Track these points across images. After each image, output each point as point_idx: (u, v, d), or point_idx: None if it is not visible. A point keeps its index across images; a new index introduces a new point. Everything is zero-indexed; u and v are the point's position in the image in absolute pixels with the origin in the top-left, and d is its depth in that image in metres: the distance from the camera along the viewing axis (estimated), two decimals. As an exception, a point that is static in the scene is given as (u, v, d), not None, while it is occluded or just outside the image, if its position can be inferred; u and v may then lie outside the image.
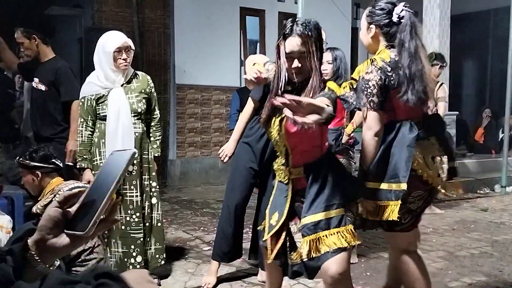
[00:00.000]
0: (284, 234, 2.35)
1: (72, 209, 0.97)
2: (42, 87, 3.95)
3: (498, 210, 6.03)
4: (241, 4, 8.23)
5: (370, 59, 2.42)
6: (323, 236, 2.19)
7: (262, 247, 2.56)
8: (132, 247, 3.24)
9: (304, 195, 2.29)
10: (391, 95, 2.39)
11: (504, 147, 7.34)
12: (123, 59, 3.20)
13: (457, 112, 8.21)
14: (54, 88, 3.93)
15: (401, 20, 2.40)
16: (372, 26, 2.47)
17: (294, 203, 2.34)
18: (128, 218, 3.23)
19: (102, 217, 0.94)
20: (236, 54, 8.17)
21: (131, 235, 3.24)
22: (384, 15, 2.44)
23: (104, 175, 0.97)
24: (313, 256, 2.20)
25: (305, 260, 2.24)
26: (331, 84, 2.30)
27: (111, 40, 3.21)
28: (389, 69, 2.37)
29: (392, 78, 2.36)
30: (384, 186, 2.39)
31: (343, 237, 2.18)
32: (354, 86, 3.89)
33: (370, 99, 2.36)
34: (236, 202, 3.33)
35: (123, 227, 3.23)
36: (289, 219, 2.35)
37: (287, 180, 2.35)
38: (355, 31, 9.71)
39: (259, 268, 3.47)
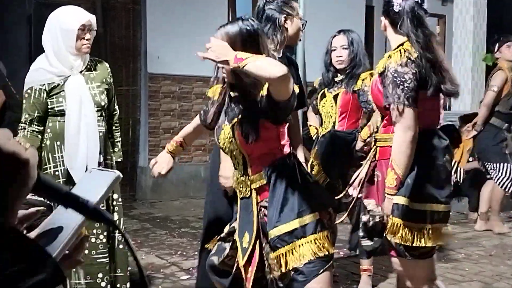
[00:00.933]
0: (256, 254, 2.46)
1: (32, 234, 0.94)
2: None
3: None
4: (229, -24, 8.25)
5: (401, 50, 2.55)
6: (299, 245, 2.33)
7: (209, 267, 2.69)
8: (100, 276, 3.21)
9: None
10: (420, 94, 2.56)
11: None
12: (86, 40, 3.18)
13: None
14: None
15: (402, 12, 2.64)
16: (383, 17, 2.69)
17: (261, 220, 2.48)
18: (93, 240, 3.20)
19: (65, 252, 0.92)
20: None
21: (98, 260, 3.21)
22: (390, 3, 2.67)
23: (61, 215, 0.94)
24: (290, 278, 2.34)
25: (280, 284, 2.40)
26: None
27: (74, 16, 3.19)
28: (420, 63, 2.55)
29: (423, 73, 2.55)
30: (427, 207, 2.55)
31: (321, 244, 2.32)
32: None
33: (408, 94, 2.49)
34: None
35: (86, 252, 3.19)
36: (259, 237, 2.47)
37: (249, 193, 2.49)
38: (370, 10, 9.76)
39: None
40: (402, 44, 2.60)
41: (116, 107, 3.52)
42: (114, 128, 3.48)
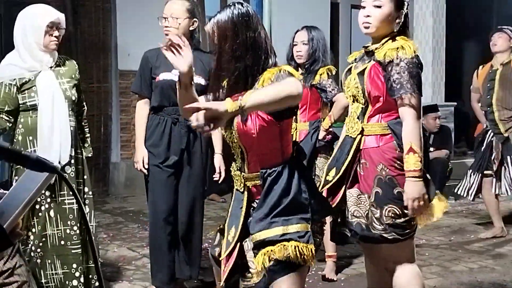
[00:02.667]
0: (236, 250, 2.38)
1: None
2: None
3: (503, 217, 6.18)
4: (198, -27, 8.23)
5: (409, 44, 2.60)
6: (278, 247, 2.22)
7: (212, 257, 2.64)
8: (74, 266, 3.22)
9: None
10: None
11: None
12: (55, 37, 3.18)
13: (455, 103, 8.38)
14: None
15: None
16: (402, 11, 2.66)
17: (249, 217, 2.38)
18: (68, 231, 3.21)
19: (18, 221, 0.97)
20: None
21: (72, 251, 3.22)
22: (407, 2, 2.70)
23: (17, 191, 0.99)
24: (264, 274, 2.26)
25: (255, 280, 2.32)
26: (285, 67, 2.38)
27: (43, 13, 3.19)
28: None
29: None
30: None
31: (300, 253, 2.20)
32: (333, 73, 3.96)
33: (419, 84, 2.59)
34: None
35: (62, 242, 3.20)
36: (243, 234, 2.38)
37: (242, 188, 2.40)
38: (335, 6, 9.81)
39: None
40: (403, 38, 2.64)
41: (84, 103, 3.52)
42: (83, 124, 3.48)
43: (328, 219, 2.93)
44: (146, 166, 3.57)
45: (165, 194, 3.53)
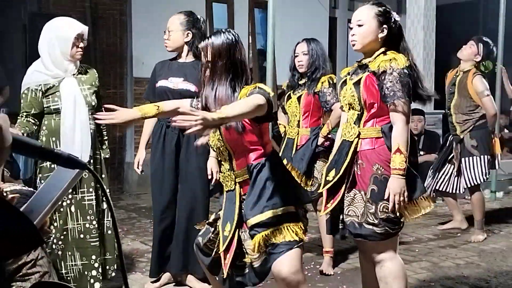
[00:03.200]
0: (234, 242, 2.53)
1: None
2: None
3: (486, 217, 6.16)
4: (207, -11, 8.24)
5: (401, 56, 2.66)
6: (272, 231, 2.40)
7: (195, 245, 2.77)
8: (93, 257, 3.24)
9: None
10: None
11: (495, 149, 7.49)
12: (80, 47, 3.21)
13: (443, 111, 8.35)
14: None
15: (397, 26, 2.76)
16: (385, 26, 2.71)
17: (241, 209, 2.55)
18: (87, 225, 3.23)
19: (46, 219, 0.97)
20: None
21: (91, 244, 3.24)
22: (394, 18, 2.76)
23: (46, 190, 0.99)
24: (264, 256, 2.41)
25: (255, 264, 2.46)
26: (259, 84, 2.58)
27: (70, 26, 3.21)
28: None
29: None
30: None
31: (293, 231, 2.40)
32: (334, 81, 3.97)
33: (410, 92, 2.65)
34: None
35: (81, 236, 3.22)
36: (239, 226, 2.54)
37: (233, 186, 2.57)
38: (333, 20, 9.82)
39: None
40: (393, 52, 2.70)
41: (103, 108, 3.52)
42: (101, 127, 3.50)
43: (324, 217, 2.99)
44: (140, 168, 3.64)
45: (162, 191, 3.58)
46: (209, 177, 3.43)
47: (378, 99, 2.68)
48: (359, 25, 2.71)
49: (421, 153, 6.88)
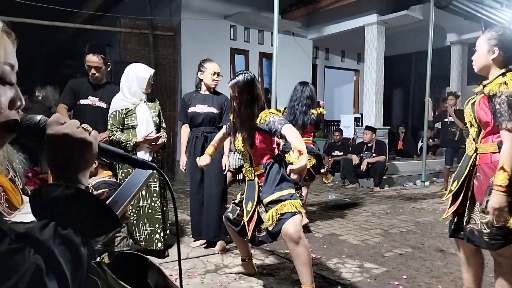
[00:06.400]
0: (255, 215, 2.50)
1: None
2: (104, 105, 3.50)
3: (419, 199, 6.07)
4: (231, 45, 8.22)
5: (508, 81, 2.02)
6: (280, 206, 2.36)
7: (226, 220, 2.71)
8: (157, 225, 3.16)
9: None
10: None
11: (423, 153, 7.43)
12: (151, 84, 3.17)
13: (389, 127, 8.28)
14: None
15: None
16: (496, 48, 2.09)
17: (259, 193, 2.50)
18: (153, 204, 3.16)
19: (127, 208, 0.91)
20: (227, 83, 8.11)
21: (156, 216, 3.17)
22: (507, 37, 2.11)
23: (127, 186, 0.92)
24: (276, 223, 2.37)
25: (270, 229, 2.40)
26: (272, 110, 2.48)
27: (147, 70, 3.17)
28: None
29: None
30: None
31: (293, 206, 2.35)
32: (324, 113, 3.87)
33: None
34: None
35: (149, 211, 3.15)
36: (258, 204, 2.51)
37: (253, 177, 2.52)
38: (314, 67, 9.76)
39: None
40: (504, 75, 2.06)
41: (163, 124, 3.46)
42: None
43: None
44: (185, 167, 3.57)
45: (195, 180, 3.52)
46: (223, 168, 3.37)
47: (491, 119, 2.06)
48: (476, 50, 2.15)
49: (374, 155, 6.84)
